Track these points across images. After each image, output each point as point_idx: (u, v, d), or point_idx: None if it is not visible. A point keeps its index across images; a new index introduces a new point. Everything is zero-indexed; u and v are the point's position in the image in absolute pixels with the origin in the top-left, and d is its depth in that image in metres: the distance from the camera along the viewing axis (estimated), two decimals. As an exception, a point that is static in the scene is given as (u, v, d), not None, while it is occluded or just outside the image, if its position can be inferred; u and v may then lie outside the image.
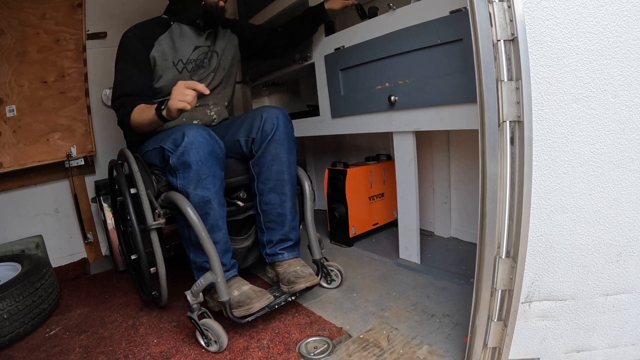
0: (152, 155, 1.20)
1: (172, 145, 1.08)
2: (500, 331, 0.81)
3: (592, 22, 0.67)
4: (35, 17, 1.69)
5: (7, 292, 1.15)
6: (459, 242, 1.67)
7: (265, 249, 1.28)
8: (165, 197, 1.12)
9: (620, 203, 0.74)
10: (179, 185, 1.07)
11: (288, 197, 1.25)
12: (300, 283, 1.15)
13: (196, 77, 1.34)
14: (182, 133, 1.06)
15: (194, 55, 1.34)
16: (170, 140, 1.08)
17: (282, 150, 1.22)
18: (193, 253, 1.11)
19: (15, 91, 1.68)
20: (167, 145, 1.09)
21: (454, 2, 1.09)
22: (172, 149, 1.07)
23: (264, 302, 1.07)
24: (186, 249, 1.14)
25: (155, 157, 1.19)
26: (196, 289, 1.04)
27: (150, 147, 1.21)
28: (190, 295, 1.04)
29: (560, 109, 0.71)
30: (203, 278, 1.04)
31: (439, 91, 1.20)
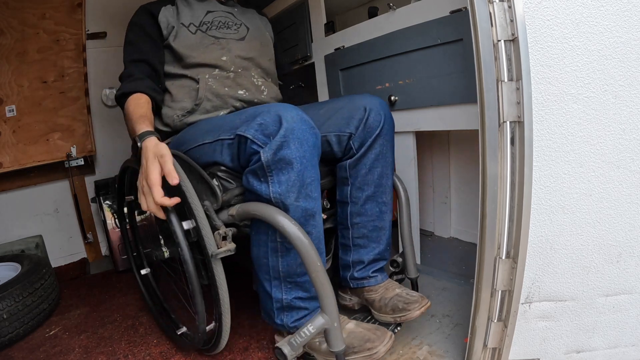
0: (213, 149, 0.85)
1: (259, 133, 0.74)
2: (500, 332, 0.81)
3: (593, 22, 0.67)
4: (35, 17, 1.69)
5: (7, 292, 1.15)
6: (459, 242, 1.67)
7: (351, 271, 1.02)
8: (241, 212, 0.80)
9: (621, 204, 0.74)
10: (272, 193, 0.74)
11: (389, 207, 1.02)
12: (413, 310, 0.92)
13: (219, 34, 1.11)
14: (276, 115, 0.74)
15: (208, 18, 1.13)
16: (253, 126, 0.75)
17: (389, 149, 0.98)
18: (277, 288, 0.83)
19: (15, 91, 1.68)
20: (250, 133, 0.75)
21: (454, 2, 1.09)
22: (260, 139, 0.74)
23: (388, 344, 0.81)
24: (263, 282, 0.84)
25: (219, 151, 0.84)
26: (301, 340, 0.74)
27: (208, 138, 0.87)
28: (289, 349, 0.75)
29: (560, 109, 0.70)
30: (312, 325, 0.73)
31: (439, 91, 1.20)
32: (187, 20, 1.10)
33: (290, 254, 0.80)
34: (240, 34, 1.17)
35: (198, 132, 0.93)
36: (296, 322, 0.85)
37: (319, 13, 1.58)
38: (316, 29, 1.61)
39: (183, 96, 1.07)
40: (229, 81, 1.07)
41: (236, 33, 1.16)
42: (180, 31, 1.08)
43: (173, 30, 1.08)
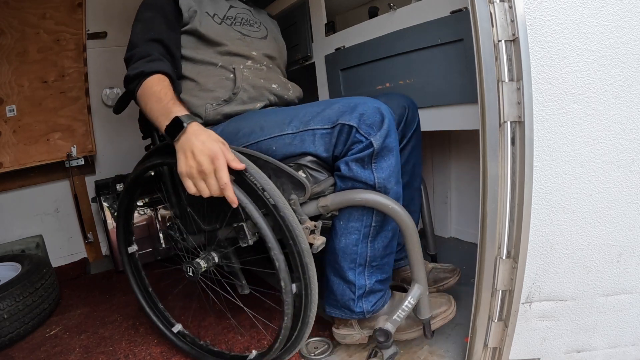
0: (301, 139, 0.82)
1: (362, 123, 0.76)
2: (500, 331, 0.81)
3: (593, 22, 0.67)
4: (35, 17, 1.69)
5: (7, 292, 1.15)
6: (459, 242, 1.67)
7: None
8: (337, 201, 0.80)
9: (621, 204, 0.74)
10: (377, 179, 0.78)
11: (419, 193, 1.10)
12: (453, 277, 1.06)
13: (244, 30, 1.09)
14: (375, 107, 0.78)
15: (232, 13, 1.09)
16: (356, 116, 0.77)
17: (419, 143, 1.08)
18: (361, 274, 0.86)
19: (15, 91, 1.68)
20: (354, 122, 0.76)
21: (454, 2, 1.09)
22: (364, 129, 0.76)
23: (455, 304, 0.92)
24: (346, 272, 0.86)
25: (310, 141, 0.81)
26: (403, 315, 0.81)
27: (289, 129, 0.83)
28: (392, 327, 0.81)
29: (561, 109, 0.71)
30: (411, 297, 0.81)
31: (439, 91, 1.20)
32: (210, 10, 1.04)
33: (378, 237, 0.85)
34: (262, 33, 1.16)
35: (267, 123, 0.87)
36: (374, 306, 0.89)
37: (319, 13, 1.58)
38: (316, 29, 1.61)
39: (215, 85, 1.00)
40: (263, 73, 1.06)
41: (258, 32, 1.14)
42: (205, 19, 1.02)
43: (196, 15, 1.00)
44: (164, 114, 0.77)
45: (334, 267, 0.88)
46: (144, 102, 0.84)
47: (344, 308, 0.90)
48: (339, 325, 0.96)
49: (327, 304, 0.94)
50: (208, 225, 0.89)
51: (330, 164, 0.83)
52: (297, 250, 0.73)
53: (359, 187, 0.79)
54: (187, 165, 0.73)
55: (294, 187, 0.79)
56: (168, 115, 0.76)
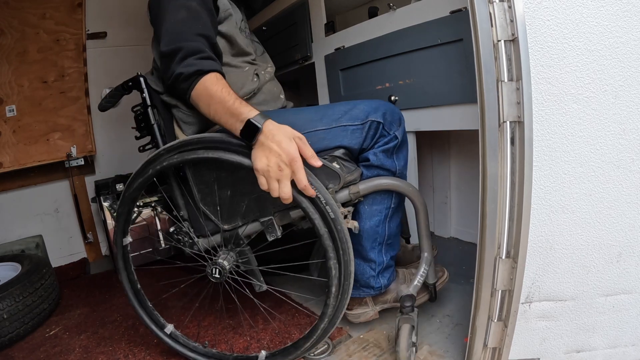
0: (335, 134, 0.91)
1: (386, 121, 0.91)
2: (500, 331, 0.81)
3: (593, 22, 0.67)
4: (35, 17, 1.69)
5: (7, 292, 1.15)
6: (459, 242, 1.67)
7: None
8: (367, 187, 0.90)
9: (621, 203, 0.74)
10: (397, 167, 0.94)
11: None
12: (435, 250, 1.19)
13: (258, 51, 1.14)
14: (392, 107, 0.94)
15: (243, 25, 1.09)
16: (380, 115, 0.90)
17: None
18: (379, 252, 0.99)
19: (15, 91, 1.68)
20: (381, 119, 0.90)
21: (454, 2, 1.09)
22: (387, 125, 0.91)
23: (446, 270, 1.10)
24: (368, 252, 0.97)
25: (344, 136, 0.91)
26: (422, 280, 0.98)
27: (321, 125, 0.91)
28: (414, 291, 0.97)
29: (560, 109, 0.71)
30: (424, 263, 0.98)
31: (439, 91, 1.20)
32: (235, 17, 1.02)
33: (394, 217, 0.99)
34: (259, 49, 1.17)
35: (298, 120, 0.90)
36: (388, 280, 1.02)
37: (319, 13, 1.58)
38: (316, 29, 1.61)
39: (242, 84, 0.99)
40: (275, 82, 1.12)
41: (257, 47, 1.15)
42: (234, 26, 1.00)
43: (230, 18, 0.98)
44: (234, 115, 0.77)
45: (356, 249, 0.94)
46: (205, 103, 0.82)
47: (364, 287, 1.01)
48: (353, 306, 1.04)
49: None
50: (228, 224, 0.89)
51: (356, 156, 0.94)
52: (338, 233, 0.79)
53: (383, 175, 0.93)
54: (264, 164, 0.73)
55: (328, 177, 0.85)
56: (239, 117, 0.76)
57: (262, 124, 0.73)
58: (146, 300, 0.98)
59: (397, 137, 0.92)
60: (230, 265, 0.87)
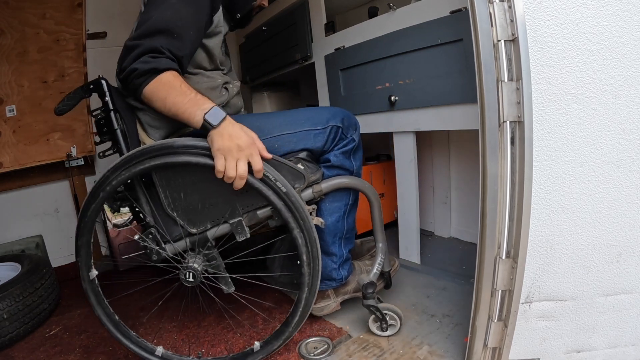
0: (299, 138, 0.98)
1: (345, 125, 1.00)
2: (500, 331, 0.81)
3: (593, 22, 0.67)
4: (35, 17, 1.69)
5: (7, 292, 1.15)
6: (459, 242, 1.67)
7: None
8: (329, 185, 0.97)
9: (621, 203, 0.74)
10: (355, 167, 1.03)
11: None
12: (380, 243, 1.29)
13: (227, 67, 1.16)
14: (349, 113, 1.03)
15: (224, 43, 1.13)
16: (339, 120, 0.99)
17: None
18: (339, 246, 1.06)
19: (15, 91, 1.68)
20: (340, 124, 0.99)
21: (454, 2, 1.09)
22: (346, 129, 1.00)
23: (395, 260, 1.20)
24: (330, 246, 1.05)
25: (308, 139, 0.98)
26: (379, 268, 1.07)
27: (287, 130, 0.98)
28: (374, 278, 1.05)
29: (560, 109, 0.71)
30: (381, 252, 1.07)
31: (439, 91, 1.20)
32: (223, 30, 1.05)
33: (351, 213, 1.07)
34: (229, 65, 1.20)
35: (264, 125, 0.97)
36: (348, 272, 1.10)
37: (319, 13, 1.58)
38: (316, 29, 1.62)
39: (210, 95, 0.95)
40: (238, 97, 1.14)
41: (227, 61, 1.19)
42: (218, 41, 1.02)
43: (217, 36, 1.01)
44: (196, 105, 0.81)
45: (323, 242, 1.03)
46: (162, 97, 0.83)
47: (327, 280, 1.07)
48: (316, 300, 1.06)
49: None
50: (197, 227, 0.91)
51: (317, 158, 1.02)
52: (306, 228, 0.86)
53: (342, 174, 1.01)
54: (225, 144, 0.79)
55: (293, 178, 0.92)
56: (202, 106, 0.81)
57: (226, 113, 0.82)
58: (129, 331, 0.95)
59: (355, 139, 1.02)
60: (201, 268, 0.89)
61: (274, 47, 1.88)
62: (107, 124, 0.94)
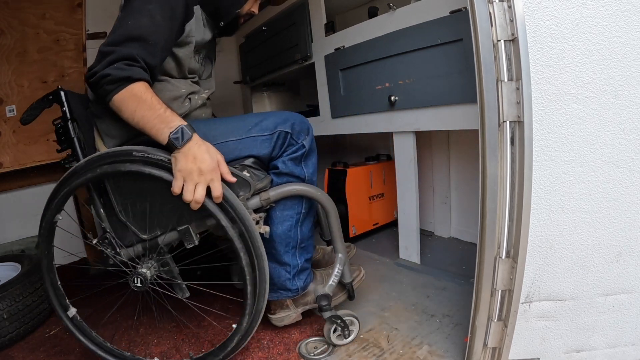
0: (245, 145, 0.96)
1: (294, 130, 0.97)
2: (500, 331, 0.81)
3: (592, 22, 0.68)
4: (35, 17, 1.69)
5: (7, 292, 1.15)
6: (459, 242, 1.67)
7: None
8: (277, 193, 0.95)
9: (620, 203, 0.74)
10: (306, 174, 1.00)
11: None
12: (351, 250, 1.29)
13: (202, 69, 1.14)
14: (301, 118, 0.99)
15: (202, 48, 1.09)
16: (289, 125, 0.96)
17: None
18: (293, 255, 1.03)
19: (15, 91, 1.68)
20: (289, 129, 0.96)
21: (454, 2, 1.09)
22: (295, 134, 0.97)
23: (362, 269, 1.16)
24: (282, 255, 1.01)
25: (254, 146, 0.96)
26: (336, 279, 1.03)
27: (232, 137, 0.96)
28: (330, 291, 1.01)
29: (560, 109, 0.71)
30: (339, 264, 1.03)
31: (439, 91, 1.20)
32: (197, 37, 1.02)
33: (305, 222, 1.03)
34: (207, 72, 1.18)
35: (211, 132, 0.95)
36: (305, 282, 1.05)
37: (319, 13, 1.58)
38: (316, 29, 1.62)
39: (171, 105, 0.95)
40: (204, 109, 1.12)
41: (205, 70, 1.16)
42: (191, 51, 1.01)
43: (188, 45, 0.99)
44: (164, 122, 0.81)
45: (270, 253, 0.99)
46: (131, 109, 0.82)
47: (281, 290, 1.04)
48: (276, 310, 1.07)
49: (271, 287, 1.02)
50: (148, 233, 0.92)
51: (266, 164, 0.99)
52: (250, 237, 0.84)
53: (292, 181, 0.98)
54: (188, 166, 0.79)
55: (239, 186, 0.90)
56: (169, 124, 0.81)
57: (192, 133, 0.81)
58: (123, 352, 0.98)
59: (305, 145, 0.98)
60: (152, 273, 0.90)
61: (274, 47, 1.88)
62: (65, 132, 0.97)
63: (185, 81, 1.05)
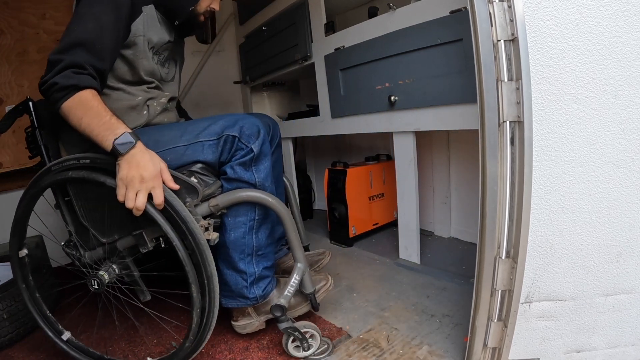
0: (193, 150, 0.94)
1: (243, 134, 0.93)
2: (500, 331, 0.81)
3: (592, 22, 0.67)
4: (35, 17, 1.69)
5: (7, 292, 1.15)
6: (459, 242, 1.67)
7: None
8: (226, 200, 0.92)
9: (620, 203, 0.74)
10: (257, 179, 0.95)
11: (283, 197, 1.27)
12: (324, 259, 1.25)
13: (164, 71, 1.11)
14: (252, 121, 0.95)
15: (162, 49, 1.08)
16: (237, 129, 0.92)
17: (281, 155, 1.29)
18: (250, 263, 0.99)
19: (15, 91, 1.68)
20: (237, 133, 0.92)
21: (454, 2, 1.09)
22: (245, 138, 0.92)
23: (331, 279, 1.10)
24: (237, 262, 0.98)
25: (200, 151, 0.94)
26: (292, 290, 0.96)
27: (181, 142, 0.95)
28: (285, 302, 0.94)
29: (560, 109, 0.71)
30: (296, 274, 0.97)
31: (439, 91, 1.20)
32: (154, 39, 1.02)
33: (261, 229, 0.99)
34: (171, 74, 1.17)
35: (161, 138, 0.95)
36: (264, 291, 1.02)
37: (319, 13, 1.58)
38: (316, 29, 1.62)
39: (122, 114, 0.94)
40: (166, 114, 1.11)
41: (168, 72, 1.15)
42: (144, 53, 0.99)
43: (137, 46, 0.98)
44: (109, 129, 0.81)
45: (226, 260, 0.99)
46: (78, 116, 0.83)
47: (239, 297, 1.01)
48: (238, 317, 1.06)
49: (224, 297, 1.01)
50: (107, 237, 0.94)
51: (217, 170, 0.97)
52: (197, 245, 0.82)
53: (243, 187, 0.94)
54: (130, 174, 0.79)
55: (187, 192, 0.89)
56: (114, 131, 0.81)
57: (136, 140, 0.81)
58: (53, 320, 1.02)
59: (253, 150, 0.93)
60: (111, 277, 0.92)
61: (274, 47, 1.88)
62: (34, 140, 1.02)
63: (141, 87, 1.04)
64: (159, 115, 1.08)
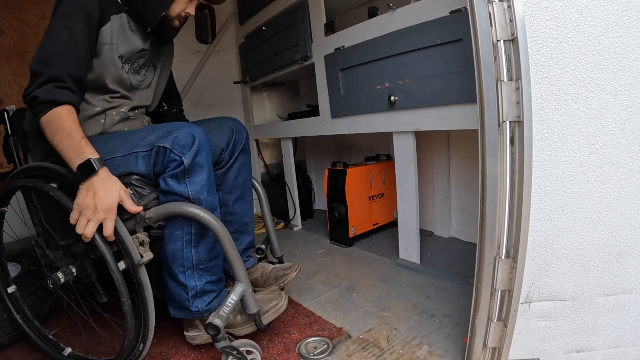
0: (127, 161, 0.94)
1: (176, 144, 0.89)
2: (500, 331, 0.81)
3: (592, 22, 0.67)
4: (35, 17, 1.69)
5: (7, 292, 1.15)
6: (458, 242, 1.67)
7: None
8: (160, 213, 0.90)
9: (620, 203, 0.74)
10: (190, 192, 0.91)
11: (251, 205, 1.24)
12: (291, 273, 1.18)
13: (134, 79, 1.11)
14: (188, 130, 0.92)
15: (135, 57, 1.09)
16: (170, 139, 0.90)
17: (248, 160, 1.22)
18: (191, 276, 0.96)
19: (15, 91, 1.69)
20: (168, 144, 0.89)
21: (453, 2, 1.09)
22: (177, 149, 0.89)
23: (286, 299, 1.04)
24: (177, 275, 0.96)
25: (134, 162, 0.93)
26: (228, 310, 0.90)
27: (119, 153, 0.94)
28: (219, 321, 0.89)
29: (560, 109, 0.71)
30: (234, 293, 0.91)
31: (439, 91, 1.20)
32: (122, 49, 1.02)
33: (201, 243, 0.95)
34: (146, 81, 1.17)
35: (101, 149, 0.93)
36: (209, 305, 0.98)
37: (319, 13, 1.58)
38: (316, 29, 1.62)
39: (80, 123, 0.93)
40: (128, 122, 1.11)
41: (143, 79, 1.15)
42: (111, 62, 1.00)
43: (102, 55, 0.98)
44: (76, 152, 0.83)
45: (168, 271, 0.97)
46: (52, 132, 0.86)
47: (183, 309, 0.99)
48: (188, 327, 1.04)
49: (170, 307, 1.01)
50: (65, 240, 0.96)
51: (154, 181, 0.95)
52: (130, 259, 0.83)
53: (177, 200, 0.91)
54: (85, 201, 0.81)
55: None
56: (81, 155, 0.82)
57: (99, 168, 0.82)
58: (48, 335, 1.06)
59: (184, 162, 0.89)
60: (67, 278, 0.93)
61: (274, 47, 1.88)
62: (8, 147, 1.08)
63: (102, 97, 1.04)
64: (118, 124, 1.07)
